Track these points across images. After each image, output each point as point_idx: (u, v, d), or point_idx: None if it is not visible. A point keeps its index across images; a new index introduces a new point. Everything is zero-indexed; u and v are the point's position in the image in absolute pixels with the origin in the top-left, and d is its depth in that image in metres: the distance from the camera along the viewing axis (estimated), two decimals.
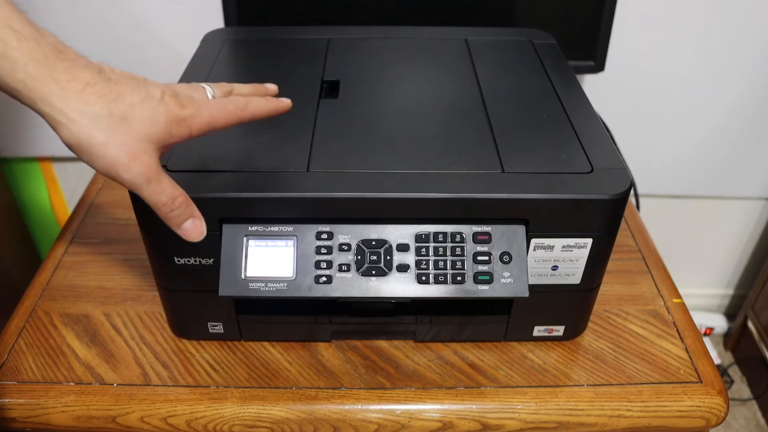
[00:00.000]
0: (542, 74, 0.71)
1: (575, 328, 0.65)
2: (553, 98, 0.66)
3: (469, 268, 0.55)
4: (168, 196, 0.46)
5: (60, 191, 1.31)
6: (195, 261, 0.57)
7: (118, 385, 0.60)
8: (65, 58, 0.43)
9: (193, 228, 0.48)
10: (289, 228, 0.55)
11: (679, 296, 0.71)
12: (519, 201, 0.53)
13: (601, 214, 0.54)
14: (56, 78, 0.42)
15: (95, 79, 0.43)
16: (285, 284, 0.54)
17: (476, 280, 0.55)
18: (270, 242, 0.55)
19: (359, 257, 0.55)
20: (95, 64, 0.45)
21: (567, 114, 0.63)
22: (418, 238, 0.55)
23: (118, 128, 0.42)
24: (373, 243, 0.55)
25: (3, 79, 0.41)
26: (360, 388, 0.60)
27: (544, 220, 0.54)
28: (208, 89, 0.51)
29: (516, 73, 0.72)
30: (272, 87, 0.56)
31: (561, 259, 0.57)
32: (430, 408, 0.59)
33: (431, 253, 0.55)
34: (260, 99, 0.51)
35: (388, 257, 0.55)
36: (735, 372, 1.49)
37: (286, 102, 0.53)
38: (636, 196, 1.08)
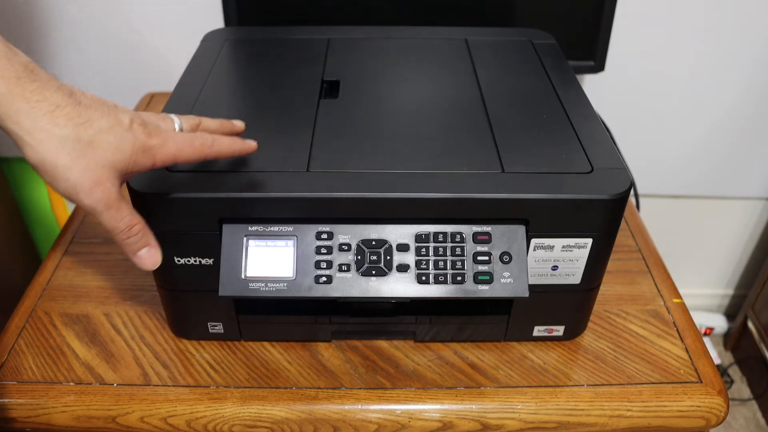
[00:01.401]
0: (542, 74, 0.71)
1: (575, 328, 0.65)
2: (553, 98, 0.66)
3: (469, 268, 0.55)
4: (126, 224, 0.47)
5: None
6: (195, 261, 0.57)
7: (118, 385, 0.60)
8: (36, 78, 0.43)
9: (148, 257, 0.49)
10: (289, 228, 0.55)
11: (679, 296, 0.71)
12: (519, 201, 0.53)
13: (601, 214, 0.54)
14: (26, 97, 0.42)
15: (65, 102, 0.43)
16: (285, 284, 0.54)
17: (476, 280, 0.55)
18: (270, 242, 0.55)
19: (359, 257, 0.55)
20: (66, 86, 0.44)
21: (567, 114, 0.63)
22: (418, 238, 0.55)
23: (84, 153, 0.43)
24: (373, 243, 0.55)
25: None
26: (360, 388, 0.60)
27: (544, 220, 0.54)
28: (176, 120, 0.51)
29: (516, 73, 0.72)
30: (239, 124, 0.57)
31: (561, 259, 0.57)
32: (430, 408, 0.59)
33: (431, 253, 0.55)
34: (226, 139, 0.52)
35: (388, 257, 0.55)
36: (735, 372, 1.49)
37: (251, 144, 0.54)
38: (636, 196, 1.08)
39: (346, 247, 0.55)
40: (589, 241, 0.56)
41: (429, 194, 0.53)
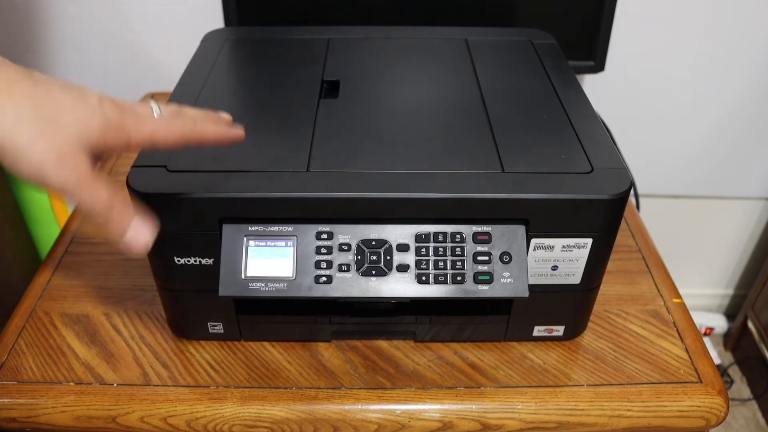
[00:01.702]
0: (542, 74, 0.71)
1: (575, 328, 0.65)
2: (553, 98, 0.66)
3: (469, 268, 0.55)
4: (104, 201, 0.42)
5: None
6: (195, 261, 0.57)
7: (118, 385, 0.60)
8: (1, 63, 0.40)
9: (136, 237, 0.44)
10: (289, 228, 0.55)
11: (679, 296, 0.71)
12: (519, 201, 0.53)
13: (601, 214, 0.54)
14: None
15: (25, 82, 0.40)
16: (285, 284, 0.54)
17: (476, 280, 0.55)
18: (270, 242, 0.55)
19: (359, 257, 0.55)
20: (26, 68, 0.41)
21: (567, 114, 0.63)
22: (418, 238, 0.55)
23: (45, 131, 0.39)
24: (373, 243, 0.55)
25: None
26: (360, 388, 0.60)
27: (544, 220, 0.54)
28: (155, 106, 0.47)
29: (516, 73, 0.72)
30: (226, 116, 0.53)
31: (561, 259, 0.57)
32: (430, 408, 0.59)
33: (431, 253, 0.55)
34: (210, 123, 0.49)
35: (388, 257, 0.55)
36: (735, 372, 1.49)
37: (238, 131, 0.50)
38: (636, 196, 1.08)
39: (346, 247, 0.55)
40: (589, 241, 0.56)
41: (429, 194, 0.53)
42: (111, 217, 0.43)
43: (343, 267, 0.55)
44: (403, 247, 0.55)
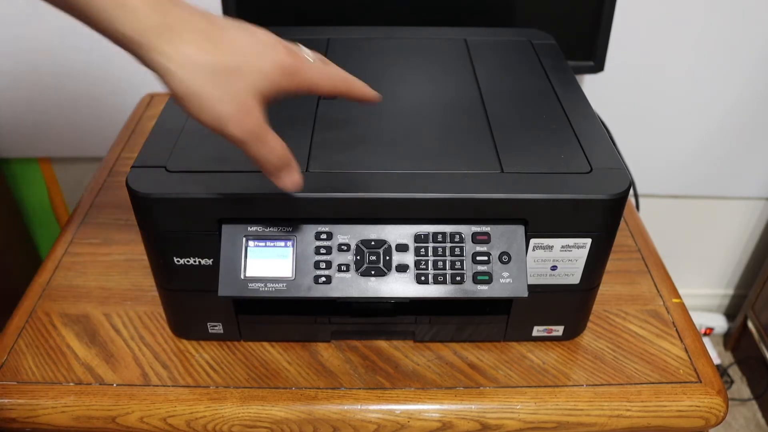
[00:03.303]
0: (542, 74, 0.71)
1: (575, 328, 0.65)
2: (553, 98, 0.66)
3: (468, 268, 0.55)
4: (274, 153, 0.44)
5: (60, 191, 1.32)
6: (194, 261, 0.57)
7: (117, 385, 0.60)
8: (177, 3, 0.41)
9: (290, 181, 0.47)
10: (289, 228, 0.55)
11: (678, 296, 0.71)
12: (518, 201, 0.53)
13: (601, 214, 0.54)
14: (172, 27, 0.40)
15: (208, 28, 0.41)
16: (284, 284, 0.54)
17: (475, 280, 0.55)
18: (269, 242, 0.55)
19: (358, 257, 0.55)
20: (202, 10, 0.42)
21: (566, 114, 0.63)
22: (418, 238, 0.55)
23: (230, 81, 0.41)
24: (373, 243, 0.55)
25: (119, 29, 0.39)
26: (359, 389, 0.60)
27: (544, 220, 0.54)
28: (308, 51, 0.48)
29: (515, 74, 0.72)
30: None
31: (560, 259, 0.57)
32: (430, 408, 0.59)
33: (430, 253, 0.55)
34: (359, 81, 0.49)
35: (388, 257, 0.55)
36: (735, 372, 1.49)
37: (377, 93, 0.51)
38: (636, 196, 1.08)
39: (345, 248, 0.55)
40: (589, 241, 0.56)
41: (428, 194, 0.53)
42: (280, 172, 0.46)
43: (343, 267, 0.55)
44: (402, 248, 0.55)
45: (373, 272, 0.55)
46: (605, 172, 0.55)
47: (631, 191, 1.06)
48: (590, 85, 1.12)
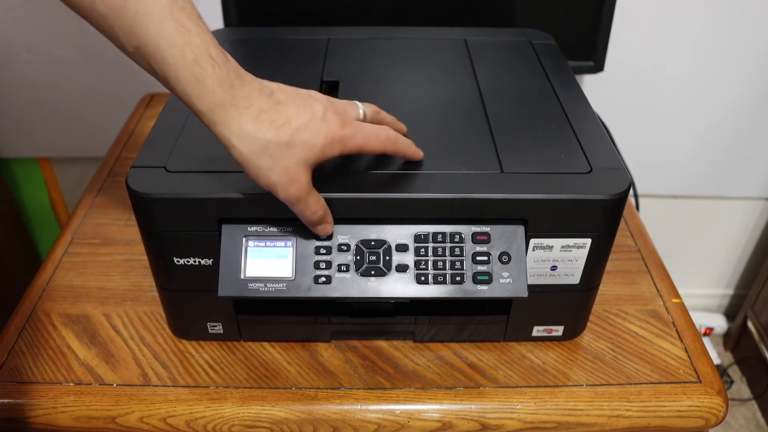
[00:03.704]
0: (541, 74, 0.71)
1: (574, 328, 0.65)
2: (552, 98, 0.66)
3: (468, 269, 0.55)
4: (313, 214, 0.51)
5: (60, 191, 1.32)
6: (194, 261, 0.57)
7: (117, 385, 0.60)
8: (244, 83, 0.46)
9: (323, 230, 0.54)
10: (288, 228, 0.55)
11: (678, 296, 0.71)
12: (518, 201, 0.53)
13: (601, 214, 0.54)
14: (236, 105, 0.45)
15: (268, 105, 0.47)
16: (284, 284, 0.54)
17: (475, 281, 0.55)
18: (269, 242, 0.55)
19: (358, 257, 0.55)
20: (266, 86, 0.48)
21: (566, 114, 0.63)
22: (417, 238, 0.55)
23: (282, 155, 0.47)
24: (372, 243, 0.55)
25: (191, 101, 0.45)
26: (359, 389, 0.60)
27: (544, 220, 0.54)
28: (361, 107, 0.54)
29: (515, 74, 0.72)
30: (403, 127, 0.59)
31: (560, 259, 0.57)
32: (430, 408, 0.59)
33: (430, 253, 0.55)
34: (405, 140, 0.55)
35: (387, 257, 0.55)
36: (735, 372, 1.49)
37: (420, 153, 0.56)
38: (636, 196, 1.08)
39: (345, 248, 0.55)
40: (588, 241, 0.56)
41: (428, 195, 0.53)
42: (317, 227, 0.53)
43: (342, 267, 0.55)
44: (402, 248, 0.55)
45: (373, 272, 0.55)
46: (605, 172, 0.55)
47: (631, 191, 1.07)
48: (590, 85, 1.12)
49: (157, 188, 0.53)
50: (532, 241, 0.56)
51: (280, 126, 0.46)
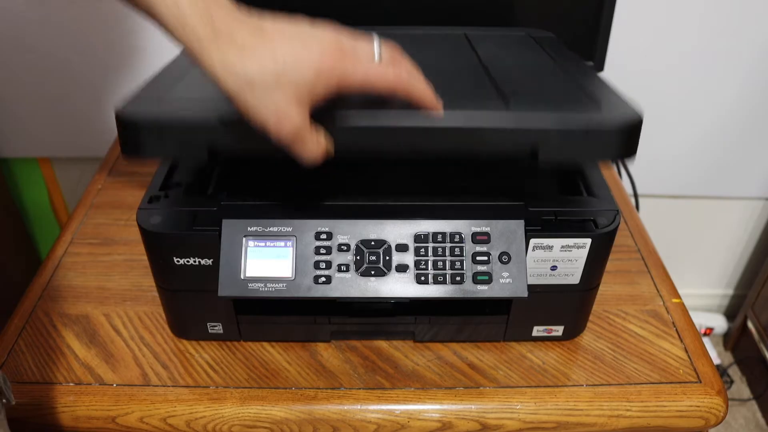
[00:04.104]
0: (544, 55, 0.69)
1: (574, 328, 0.65)
2: (557, 70, 0.63)
3: (468, 269, 0.55)
4: (313, 156, 0.48)
5: (60, 191, 1.32)
6: (194, 261, 0.57)
7: (117, 385, 0.60)
8: (229, 18, 0.44)
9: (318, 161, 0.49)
10: (288, 228, 0.55)
11: (678, 296, 0.71)
12: (526, 132, 0.49)
13: (613, 144, 0.51)
14: (218, 40, 0.43)
15: (253, 40, 0.44)
16: (284, 284, 0.54)
17: (475, 281, 0.55)
18: (269, 242, 0.55)
19: (358, 257, 0.55)
20: (255, 21, 0.45)
21: (569, 74, 0.61)
22: (417, 238, 0.55)
23: (270, 91, 0.44)
24: (372, 243, 0.55)
25: (179, 38, 0.44)
26: (359, 389, 0.60)
27: (553, 151, 0.50)
28: (376, 46, 0.49)
29: (517, 53, 0.70)
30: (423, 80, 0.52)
31: (560, 259, 0.57)
32: (430, 408, 0.59)
33: (430, 253, 0.55)
34: (423, 84, 0.49)
35: (387, 257, 0.55)
36: (735, 372, 1.49)
37: (439, 106, 0.50)
38: (636, 196, 1.08)
39: (345, 248, 0.55)
40: (588, 241, 0.56)
41: (432, 124, 0.49)
42: (312, 162, 0.48)
43: (342, 267, 0.55)
44: (402, 248, 0.55)
45: (373, 272, 0.55)
46: (615, 106, 0.52)
47: (631, 191, 1.07)
48: None
49: (149, 114, 0.51)
50: (532, 241, 0.56)
51: (263, 60, 0.44)
